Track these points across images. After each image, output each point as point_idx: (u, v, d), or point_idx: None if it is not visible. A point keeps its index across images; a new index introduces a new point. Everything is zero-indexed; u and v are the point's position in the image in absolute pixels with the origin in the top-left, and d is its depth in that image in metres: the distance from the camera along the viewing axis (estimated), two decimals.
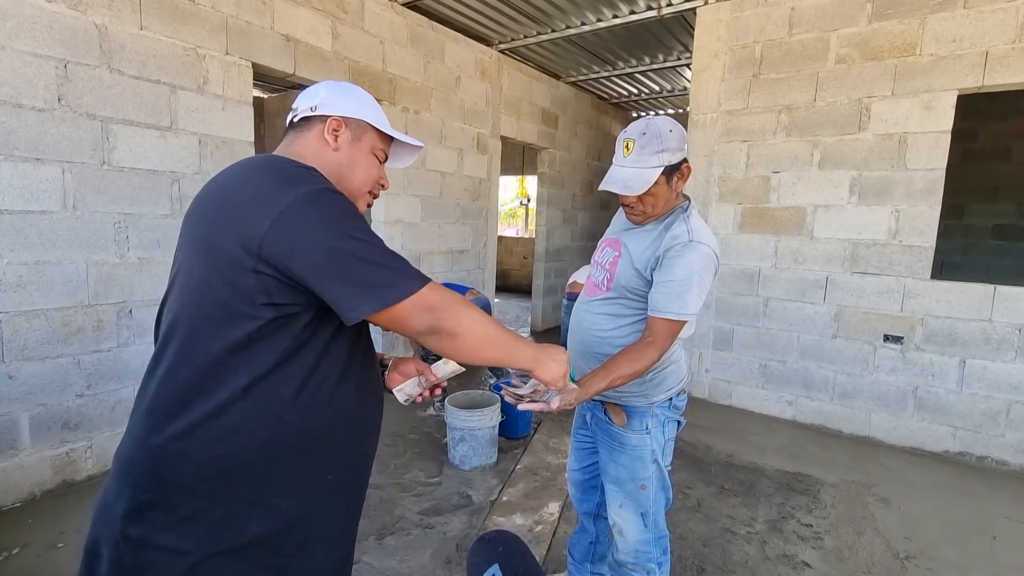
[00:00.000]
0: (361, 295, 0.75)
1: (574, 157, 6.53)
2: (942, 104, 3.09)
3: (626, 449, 1.45)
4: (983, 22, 2.95)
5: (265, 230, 0.73)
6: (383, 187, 1.02)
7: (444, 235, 4.67)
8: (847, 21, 3.33)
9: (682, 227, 1.35)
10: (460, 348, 0.83)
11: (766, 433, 3.52)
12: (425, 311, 0.79)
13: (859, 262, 3.43)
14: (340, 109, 0.94)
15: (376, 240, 0.79)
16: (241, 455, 0.79)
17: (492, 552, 0.78)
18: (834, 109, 3.42)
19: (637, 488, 1.46)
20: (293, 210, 0.74)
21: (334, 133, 0.93)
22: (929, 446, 3.28)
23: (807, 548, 2.26)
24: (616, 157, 1.36)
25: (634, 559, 1.50)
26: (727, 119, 3.83)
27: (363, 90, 1.00)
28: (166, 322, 0.84)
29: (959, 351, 3.16)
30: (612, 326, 1.43)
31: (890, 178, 3.28)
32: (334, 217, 0.77)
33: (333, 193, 0.80)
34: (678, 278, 1.30)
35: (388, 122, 1.02)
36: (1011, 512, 2.61)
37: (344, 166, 0.94)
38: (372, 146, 0.98)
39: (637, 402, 1.44)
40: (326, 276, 0.74)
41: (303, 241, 0.74)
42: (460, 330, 0.81)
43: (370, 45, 3.75)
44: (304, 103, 0.96)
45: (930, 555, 2.25)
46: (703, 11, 3.85)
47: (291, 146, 0.94)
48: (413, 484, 2.67)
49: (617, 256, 1.44)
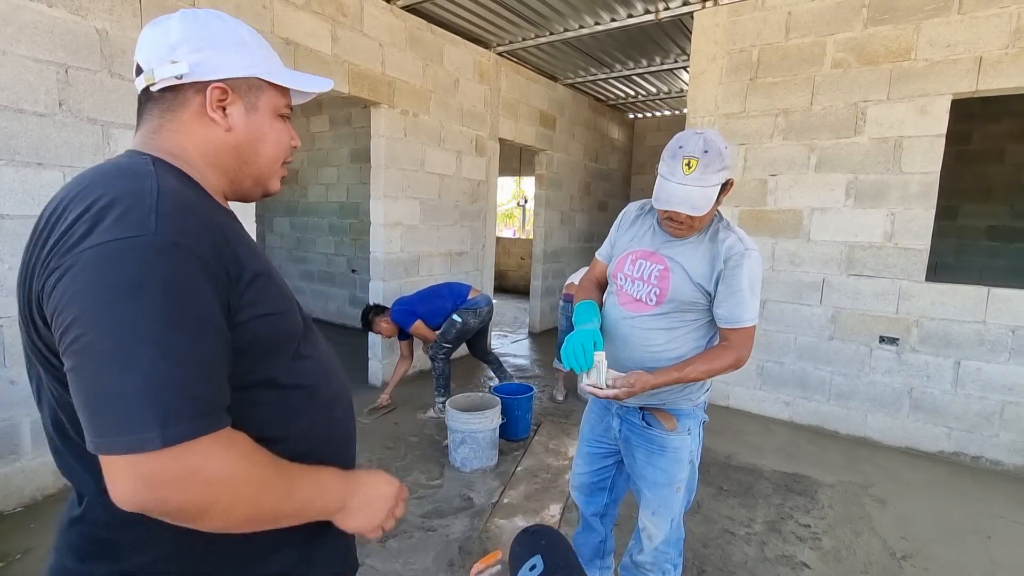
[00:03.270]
0: (88, 424, 0.54)
1: (572, 159, 6.55)
2: (937, 108, 3.13)
3: (666, 452, 1.47)
4: (977, 27, 2.98)
5: (42, 287, 0.57)
6: (295, 148, 0.80)
7: (443, 237, 4.68)
8: (843, 26, 3.36)
9: (732, 237, 1.38)
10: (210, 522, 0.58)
11: (763, 434, 3.55)
12: (140, 481, 0.53)
13: (855, 264, 3.46)
14: (219, 68, 0.68)
15: (156, 354, 0.53)
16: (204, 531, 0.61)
17: (535, 543, 0.79)
18: (830, 113, 3.45)
19: (672, 492, 1.48)
20: (73, 272, 0.54)
21: (221, 107, 0.69)
22: (924, 446, 3.32)
23: (805, 548, 2.29)
24: (673, 174, 1.29)
25: (652, 559, 1.54)
26: (725, 122, 3.85)
27: (231, 19, 0.72)
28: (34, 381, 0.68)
29: (954, 352, 3.20)
30: (666, 339, 1.43)
31: (885, 181, 3.32)
32: (112, 300, 0.53)
33: (151, 253, 0.55)
34: (745, 287, 1.35)
35: (278, 56, 0.78)
36: (1006, 512, 2.65)
37: (244, 149, 0.72)
38: (275, 107, 0.74)
39: (683, 405, 1.49)
40: (71, 380, 0.55)
41: (69, 320, 0.54)
42: (204, 498, 0.56)
43: (369, 48, 3.76)
44: (158, 63, 0.67)
45: (926, 555, 2.28)
46: (700, 15, 3.88)
47: (159, 134, 0.69)
48: (415, 487, 2.68)
49: (665, 270, 1.41)
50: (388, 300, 4.00)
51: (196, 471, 0.55)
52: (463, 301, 3.58)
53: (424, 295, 3.67)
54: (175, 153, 0.68)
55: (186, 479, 0.54)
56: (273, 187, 0.79)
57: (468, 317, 3.55)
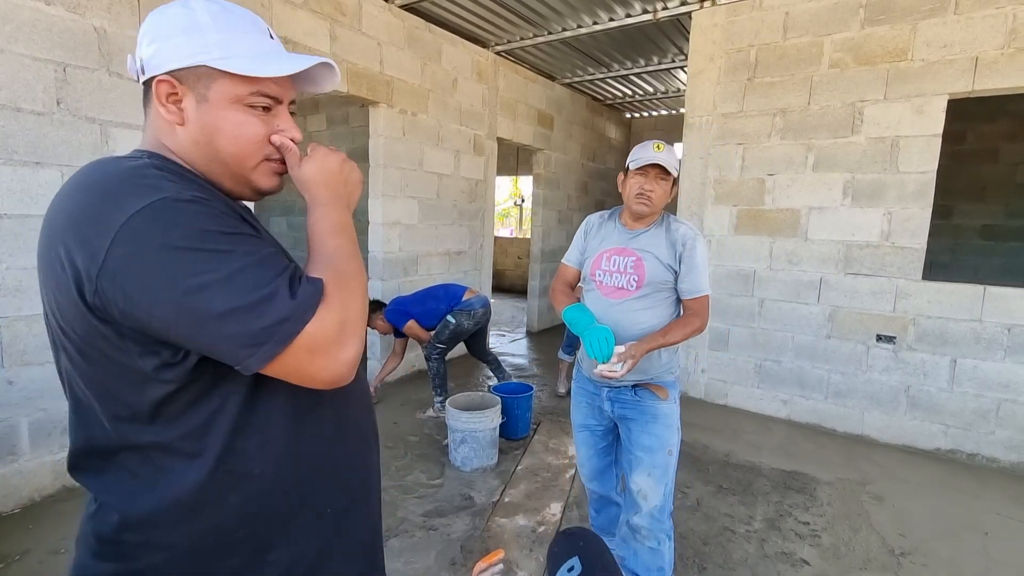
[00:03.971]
0: (244, 348, 0.58)
1: (569, 158, 6.56)
2: (933, 108, 3.15)
3: (659, 419, 1.71)
4: (973, 28, 3.00)
5: (94, 279, 0.55)
6: (294, 140, 0.72)
7: (441, 236, 4.68)
8: (840, 26, 3.38)
9: (683, 226, 1.73)
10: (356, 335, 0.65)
11: (762, 432, 3.56)
12: (324, 352, 0.61)
13: (852, 263, 3.49)
14: (166, 60, 0.64)
15: (244, 257, 0.59)
16: (220, 533, 0.65)
17: (573, 545, 0.80)
18: (828, 113, 3.47)
19: (665, 455, 1.70)
20: (122, 246, 0.55)
21: (172, 102, 0.66)
22: (921, 444, 3.34)
23: (805, 545, 2.30)
24: (646, 150, 1.67)
25: (649, 525, 1.71)
26: (722, 122, 3.87)
27: (203, 3, 0.66)
28: (70, 392, 0.67)
29: (950, 350, 3.23)
30: (648, 316, 1.70)
31: (882, 181, 3.34)
32: (179, 251, 0.56)
33: (176, 205, 0.58)
34: (699, 263, 1.68)
35: (265, 33, 0.71)
36: (1002, 508, 2.67)
37: (201, 144, 0.67)
38: (233, 96, 0.67)
39: (668, 377, 1.76)
40: (187, 336, 0.58)
41: (145, 290, 0.55)
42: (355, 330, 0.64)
43: (368, 47, 3.75)
44: (132, 59, 0.68)
45: (924, 551, 2.30)
46: (698, 15, 3.89)
47: (147, 131, 0.70)
48: (415, 486, 2.68)
49: (638, 260, 1.71)
50: (386, 300, 4.00)
51: (347, 303, 0.63)
52: (458, 302, 3.59)
53: (420, 296, 3.68)
54: (159, 147, 0.69)
55: (342, 319, 0.62)
56: (261, 184, 0.72)
57: (462, 318, 3.55)
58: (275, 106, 0.70)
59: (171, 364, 0.60)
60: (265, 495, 0.68)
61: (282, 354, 0.58)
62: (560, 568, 0.78)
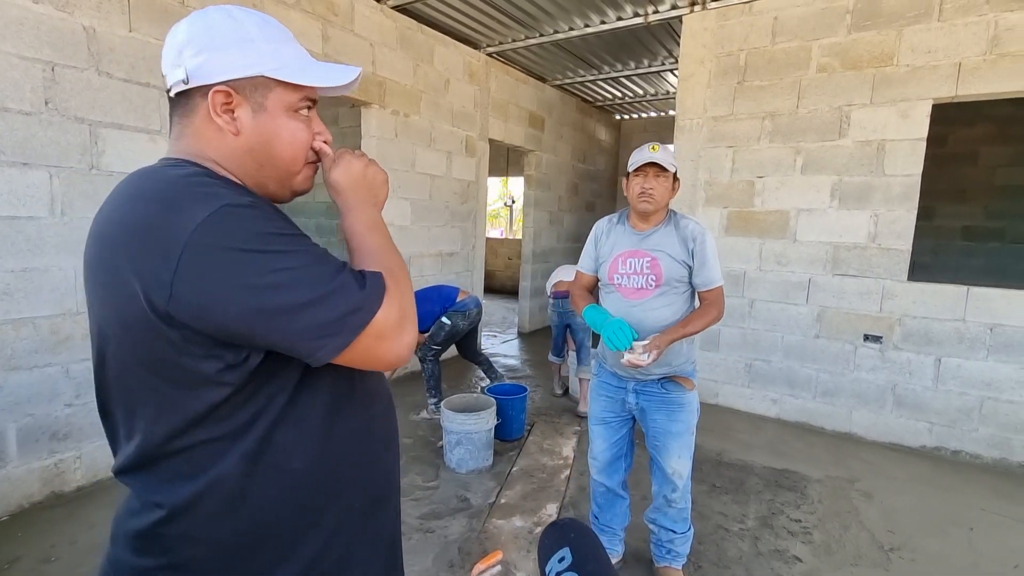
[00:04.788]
0: (319, 339, 0.61)
1: (560, 160, 6.59)
2: (918, 113, 3.22)
3: (684, 407, 1.85)
4: (956, 34, 3.08)
5: (168, 287, 0.57)
6: (327, 143, 0.77)
7: (434, 238, 4.67)
8: (828, 31, 3.44)
9: (691, 222, 1.84)
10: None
11: (752, 431, 3.61)
12: (387, 338, 0.65)
13: (840, 264, 3.55)
14: (220, 70, 0.66)
15: (305, 255, 0.62)
16: (257, 525, 0.67)
17: (564, 536, 0.80)
18: (816, 116, 3.53)
19: (690, 436, 1.88)
20: (194, 252, 0.56)
21: (226, 111, 0.67)
22: (907, 441, 3.42)
23: (797, 543, 2.34)
24: (643, 152, 1.77)
25: (683, 504, 1.93)
26: (713, 125, 3.92)
27: (244, 13, 0.69)
28: (119, 403, 0.68)
29: (935, 350, 3.30)
30: (669, 313, 1.81)
31: (869, 183, 3.40)
32: (247, 253, 0.58)
33: (237, 211, 0.60)
34: (711, 256, 1.80)
35: (296, 41, 0.73)
36: (986, 504, 2.74)
37: (257, 152, 0.70)
38: (287, 104, 0.70)
39: (689, 367, 1.89)
40: (262, 333, 0.60)
41: (220, 293, 0.57)
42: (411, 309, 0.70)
43: (360, 48, 3.74)
44: (170, 68, 0.67)
45: (912, 547, 2.35)
46: (689, 19, 3.93)
47: (181, 140, 0.70)
48: (411, 488, 2.67)
49: (654, 260, 1.81)
50: None
51: (403, 292, 0.68)
52: (452, 304, 3.59)
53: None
54: (199, 156, 0.69)
55: (402, 305, 0.67)
56: (301, 186, 0.76)
57: (457, 320, 3.55)
58: (312, 110, 0.75)
59: (233, 366, 0.62)
60: (301, 489, 0.69)
61: (354, 342, 0.62)
62: (551, 559, 0.78)
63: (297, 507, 0.69)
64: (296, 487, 0.69)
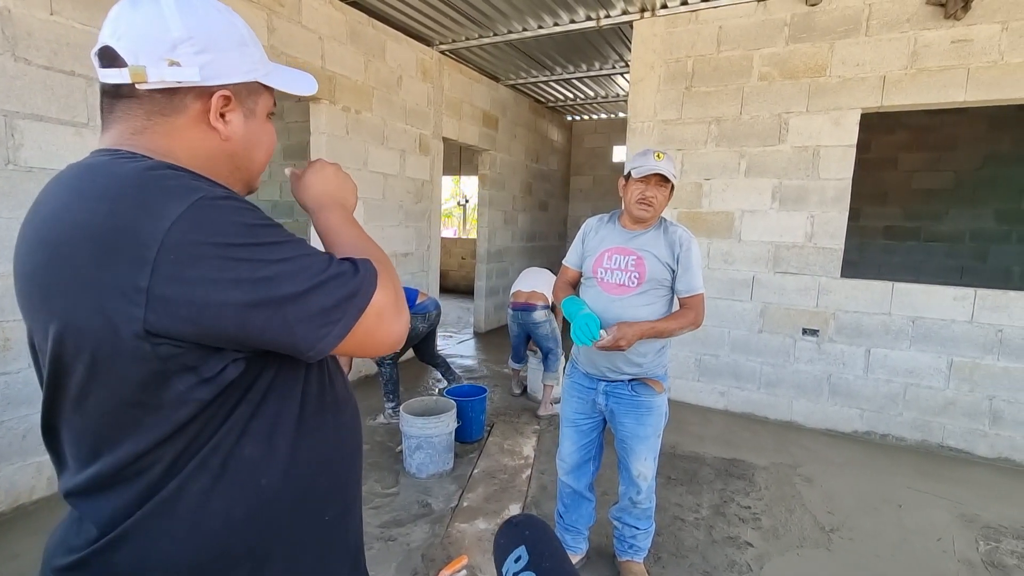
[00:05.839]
0: (322, 327, 0.60)
1: (514, 159, 6.60)
2: (848, 121, 3.45)
3: (652, 410, 1.88)
4: (881, 49, 3.32)
5: (143, 294, 0.52)
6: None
7: (388, 238, 4.57)
8: (768, 41, 3.63)
9: (680, 229, 1.88)
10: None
11: (703, 423, 3.76)
12: (387, 318, 0.65)
13: (780, 263, 3.75)
14: (224, 73, 0.63)
15: (295, 245, 0.60)
16: (220, 547, 0.63)
17: (519, 534, 0.78)
18: (758, 122, 3.71)
19: (656, 439, 1.91)
20: (174, 252, 0.52)
21: (222, 114, 0.65)
22: (841, 427, 3.66)
23: (748, 529, 2.46)
24: (647, 159, 1.79)
25: (648, 504, 1.97)
26: (663, 128, 4.04)
27: (226, 8, 0.65)
28: (72, 425, 0.62)
29: (865, 341, 3.55)
30: (648, 312, 1.83)
31: (806, 186, 3.62)
32: (237, 247, 0.55)
33: (217, 203, 0.56)
34: (695, 264, 1.83)
35: (261, 42, 0.71)
36: (912, 483, 2.98)
37: (239, 156, 0.68)
38: (267, 109, 0.71)
39: (659, 371, 1.92)
40: (260, 329, 0.57)
41: (212, 292, 0.53)
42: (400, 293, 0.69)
43: (308, 41, 3.60)
44: (153, 60, 0.59)
45: (850, 526, 2.52)
46: (639, 24, 4.04)
47: (143, 136, 0.62)
48: (370, 496, 2.60)
49: (639, 258, 1.84)
50: None
51: (392, 276, 0.68)
52: (411, 306, 3.52)
53: None
54: (162, 154, 0.62)
55: (395, 286, 0.67)
56: (257, 185, 0.77)
57: (417, 322, 3.49)
58: None
59: (207, 380, 0.58)
60: (270, 506, 0.66)
61: (355, 326, 0.61)
62: (507, 559, 0.77)
63: (265, 524, 0.66)
64: (264, 504, 0.65)
